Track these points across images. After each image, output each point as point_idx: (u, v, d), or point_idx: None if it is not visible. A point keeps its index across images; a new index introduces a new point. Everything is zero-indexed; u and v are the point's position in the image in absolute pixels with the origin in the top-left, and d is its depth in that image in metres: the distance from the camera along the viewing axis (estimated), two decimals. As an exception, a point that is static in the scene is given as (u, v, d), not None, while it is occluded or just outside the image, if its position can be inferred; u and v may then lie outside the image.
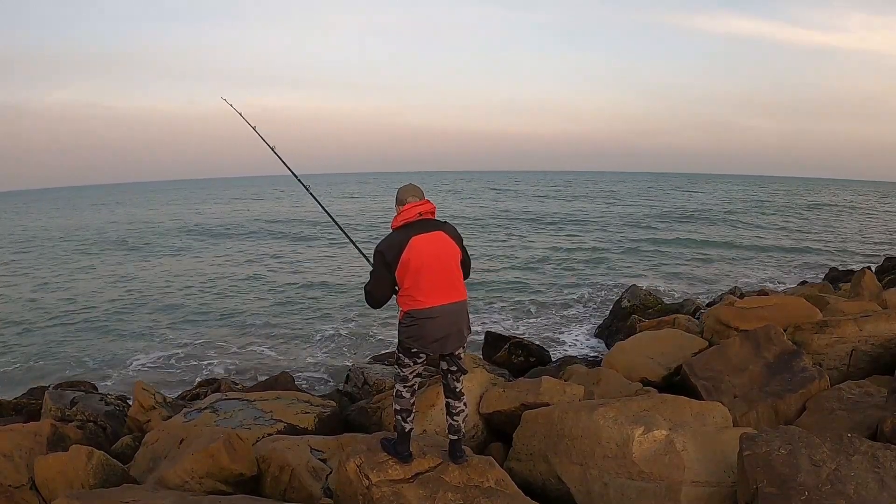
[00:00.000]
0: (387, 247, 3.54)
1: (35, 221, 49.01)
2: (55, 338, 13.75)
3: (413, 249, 3.48)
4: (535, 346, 9.87)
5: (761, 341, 5.96)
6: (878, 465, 3.32)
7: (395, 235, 3.56)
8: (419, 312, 3.53)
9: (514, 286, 17.84)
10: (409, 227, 3.55)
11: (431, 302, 3.52)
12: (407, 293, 3.54)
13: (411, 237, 3.51)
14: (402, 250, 3.49)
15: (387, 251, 3.53)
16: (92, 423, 6.52)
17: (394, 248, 3.51)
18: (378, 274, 3.59)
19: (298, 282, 19.31)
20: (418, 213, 3.57)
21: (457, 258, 3.65)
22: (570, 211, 44.18)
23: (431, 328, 3.54)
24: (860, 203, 58.87)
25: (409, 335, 3.58)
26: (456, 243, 3.65)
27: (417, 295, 3.51)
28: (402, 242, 3.50)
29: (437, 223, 3.63)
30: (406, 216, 3.57)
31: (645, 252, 24.47)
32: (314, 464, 4.44)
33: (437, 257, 3.54)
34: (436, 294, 3.53)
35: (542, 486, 4.41)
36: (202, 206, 59.25)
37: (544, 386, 5.28)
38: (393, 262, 3.51)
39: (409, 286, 3.52)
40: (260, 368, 11.03)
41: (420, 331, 3.55)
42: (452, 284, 3.60)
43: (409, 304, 3.55)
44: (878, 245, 27.70)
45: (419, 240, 3.51)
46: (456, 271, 3.64)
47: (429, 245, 3.52)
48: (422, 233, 3.53)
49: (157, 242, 30.18)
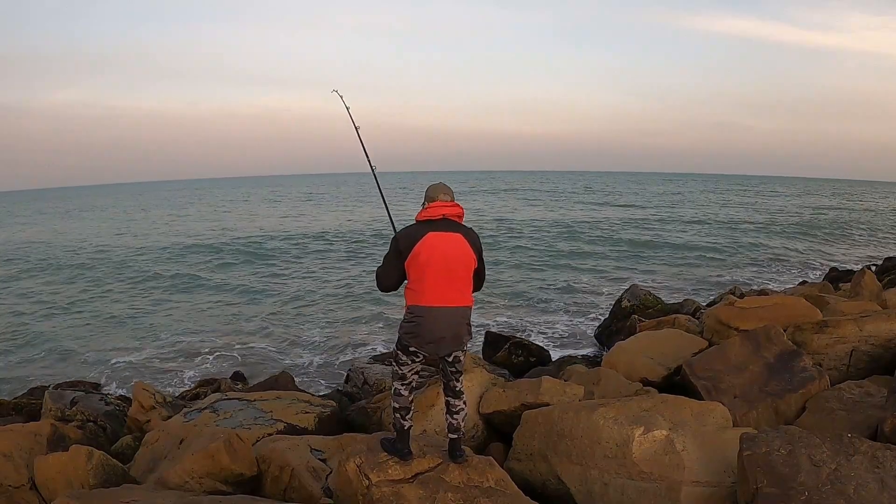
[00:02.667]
0: (403, 235, 3.62)
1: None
2: (55, 337, 13.75)
3: (425, 244, 3.52)
4: (535, 346, 9.89)
5: (761, 341, 5.95)
6: (878, 465, 3.32)
7: (414, 227, 3.63)
8: (419, 309, 3.56)
9: (514, 286, 17.84)
10: (430, 224, 3.59)
11: (432, 301, 3.53)
12: (411, 286, 3.61)
13: (428, 232, 3.55)
14: (415, 242, 3.54)
15: (402, 239, 3.60)
16: (92, 423, 6.52)
17: (409, 237, 3.57)
18: (388, 259, 3.66)
19: (298, 282, 19.33)
20: (443, 213, 3.60)
21: (470, 265, 3.64)
22: (569, 210, 44.18)
23: (429, 328, 3.55)
24: (860, 203, 58.90)
25: (408, 332, 3.61)
26: (473, 250, 3.64)
27: (420, 290, 3.55)
28: (417, 234, 3.56)
29: (458, 226, 3.64)
30: (430, 213, 3.60)
31: (645, 252, 24.48)
32: (314, 464, 4.44)
33: (446, 258, 3.54)
34: (438, 294, 3.54)
35: (542, 486, 4.41)
36: (189, 209, 59.16)
37: (544, 386, 5.28)
38: (405, 251, 3.56)
39: (414, 279, 3.58)
40: (260, 368, 11.03)
41: (418, 328, 3.57)
42: (457, 288, 3.59)
43: (412, 298, 3.60)
44: (877, 245, 27.71)
45: (434, 236, 3.55)
46: (464, 276, 3.63)
47: (442, 244, 3.55)
48: (440, 231, 3.57)
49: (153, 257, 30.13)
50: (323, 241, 28.75)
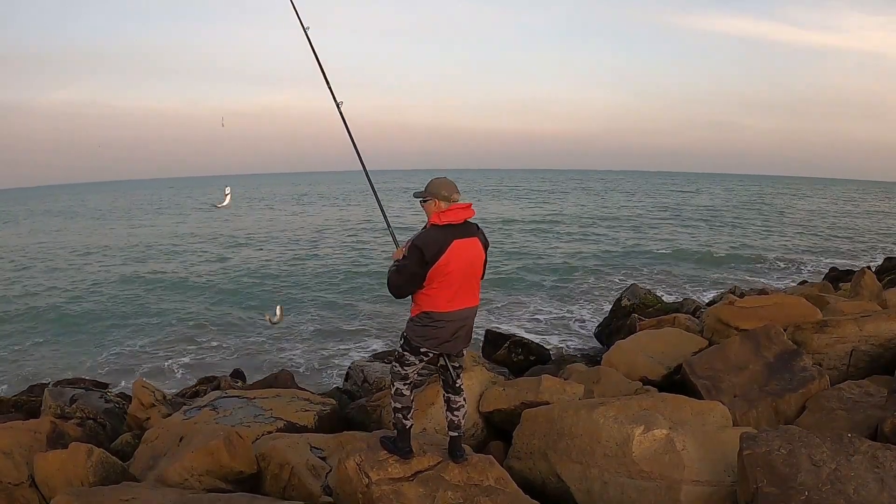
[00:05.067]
0: (427, 244, 3.40)
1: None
2: (55, 337, 13.75)
3: (453, 253, 3.40)
4: (535, 345, 9.88)
5: (761, 341, 5.95)
6: (878, 465, 3.32)
7: (437, 234, 3.43)
8: (439, 314, 3.49)
9: (513, 285, 17.84)
10: (454, 229, 3.46)
11: (452, 306, 3.49)
12: (432, 293, 3.47)
13: (454, 240, 3.41)
14: (442, 252, 3.38)
15: (426, 248, 3.38)
16: (91, 421, 6.52)
17: (435, 246, 3.38)
18: (412, 270, 3.43)
19: (298, 282, 19.32)
20: (465, 217, 3.50)
21: (483, 265, 3.63)
22: (568, 210, 44.16)
23: (447, 330, 3.53)
24: (860, 203, 58.88)
25: (422, 335, 3.55)
26: (484, 251, 3.61)
27: (441, 297, 3.46)
28: (444, 243, 3.39)
29: (474, 228, 3.58)
30: (453, 217, 3.45)
31: (645, 251, 24.47)
32: (314, 462, 4.44)
33: (470, 263, 3.50)
34: (458, 299, 3.50)
35: (542, 485, 4.41)
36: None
37: (544, 384, 5.28)
38: (431, 261, 3.38)
39: (436, 287, 3.45)
40: (260, 366, 11.03)
41: (434, 332, 3.53)
42: (474, 290, 3.59)
43: (429, 303, 3.48)
44: (878, 245, 27.70)
45: (460, 244, 3.43)
46: (478, 276, 3.62)
47: (466, 251, 3.46)
48: (462, 237, 3.46)
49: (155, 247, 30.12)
50: (322, 239, 28.76)
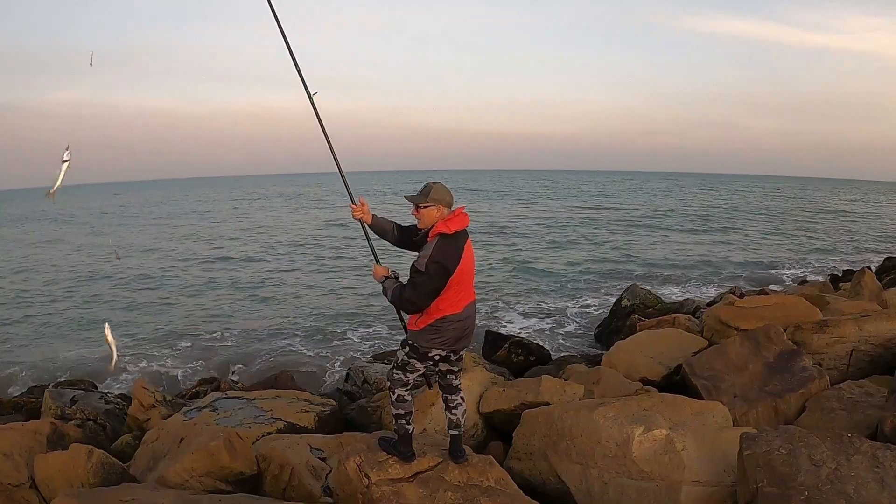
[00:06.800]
0: (448, 258, 3.40)
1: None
2: (55, 336, 13.75)
3: (465, 257, 3.48)
4: (535, 345, 9.89)
5: (761, 341, 5.95)
6: (878, 465, 3.32)
7: (449, 244, 3.44)
8: (455, 316, 3.51)
9: (513, 285, 17.84)
10: (461, 235, 3.51)
11: (462, 305, 3.55)
12: (448, 298, 3.48)
13: (464, 245, 3.51)
14: (460, 259, 3.44)
15: (448, 262, 3.39)
16: (92, 422, 6.52)
17: (454, 257, 3.42)
18: (434, 286, 3.40)
19: (298, 281, 19.32)
20: (466, 224, 3.54)
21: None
22: (566, 209, 44.17)
23: (460, 329, 3.56)
24: (860, 203, 58.90)
25: (434, 339, 3.52)
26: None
27: (456, 299, 3.50)
28: (459, 250, 3.45)
29: (466, 231, 3.64)
30: (460, 223, 3.48)
31: (645, 252, 24.46)
32: (314, 462, 4.44)
33: (472, 263, 3.61)
34: (466, 297, 3.57)
35: (542, 485, 4.41)
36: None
37: (544, 385, 5.29)
38: (453, 269, 3.41)
39: (452, 293, 3.47)
40: (260, 367, 11.03)
41: (451, 333, 3.53)
42: (472, 285, 3.67)
43: (445, 309, 3.48)
44: (877, 245, 27.70)
45: (468, 247, 3.55)
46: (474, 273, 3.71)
47: (470, 252, 3.58)
48: (467, 240, 3.56)
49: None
50: (322, 239, 28.78)
